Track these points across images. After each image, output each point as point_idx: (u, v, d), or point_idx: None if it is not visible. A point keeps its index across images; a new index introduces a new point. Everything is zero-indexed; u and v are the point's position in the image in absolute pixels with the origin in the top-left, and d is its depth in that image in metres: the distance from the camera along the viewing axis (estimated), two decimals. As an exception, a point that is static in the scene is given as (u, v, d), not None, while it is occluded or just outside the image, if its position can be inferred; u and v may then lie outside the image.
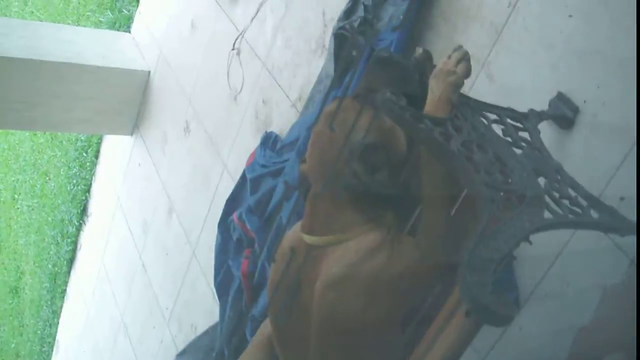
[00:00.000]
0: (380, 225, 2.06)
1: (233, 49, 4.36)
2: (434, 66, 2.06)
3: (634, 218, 1.91)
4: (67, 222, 7.09)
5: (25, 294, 8.39)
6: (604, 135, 2.26)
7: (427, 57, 2.16)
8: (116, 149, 6.19)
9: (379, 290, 1.94)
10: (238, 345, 3.76)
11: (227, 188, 4.26)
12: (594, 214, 1.81)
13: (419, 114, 1.82)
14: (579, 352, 2.29)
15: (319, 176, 2.12)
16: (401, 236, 2.06)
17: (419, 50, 2.16)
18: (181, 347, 4.75)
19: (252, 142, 4.10)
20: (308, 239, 2.11)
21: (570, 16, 2.37)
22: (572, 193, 1.83)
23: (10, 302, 8.81)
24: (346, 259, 1.98)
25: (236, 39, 4.32)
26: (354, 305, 1.96)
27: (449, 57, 2.01)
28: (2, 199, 9.33)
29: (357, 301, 1.96)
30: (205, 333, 4.49)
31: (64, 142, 7.38)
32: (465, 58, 2.00)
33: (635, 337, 1.75)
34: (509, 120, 2.04)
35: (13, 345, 8.76)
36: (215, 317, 4.16)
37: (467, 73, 1.98)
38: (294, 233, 2.24)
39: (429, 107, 1.93)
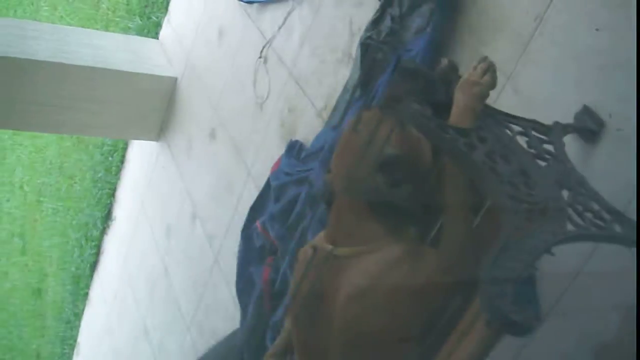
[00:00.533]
0: (402, 237, 2.05)
1: (260, 57, 4.38)
2: (460, 77, 2.07)
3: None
4: (91, 225, 7.14)
5: (48, 295, 8.44)
6: (629, 149, 2.25)
7: (453, 68, 2.16)
8: (142, 154, 6.23)
9: (401, 302, 1.94)
10: (257, 352, 3.77)
11: (251, 195, 4.27)
12: (617, 228, 1.80)
13: (444, 124, 1.82)
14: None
15: (342, 187, 2.13)
16: (422, 248, 2.06)
17: (445, 61, 2.16)
18: (201, 353, 4.76)
19: (276, 150, 4.12)
20: (332, 249, 2.11)
21: (597, 30, 2.36)
22: (596, 206, 1.82)
23: (33, 303, 8.87)
24: (369, 271, 1.98)
25: (263, 47, 4.35)
26: (376, 317, 1.96)
27: (475, 68, 2.01)
28: (27, 201, 9.41)
29: (379, 313, 1.95)
30: (226, 339, 4.50)
31: (90, 146, 7.44)
32: (491, 69, 2.01)
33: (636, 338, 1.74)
34: (533, 133, 2.04)
35: (34, 346, 8.82)
36: (235, 323, 4.17)
37: (493, 84, 1.99)
38: (317, 241, 2.25)
39: (454, 117, 1.93)
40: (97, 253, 7.09)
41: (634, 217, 1.90)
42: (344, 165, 2.13)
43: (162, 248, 5.63)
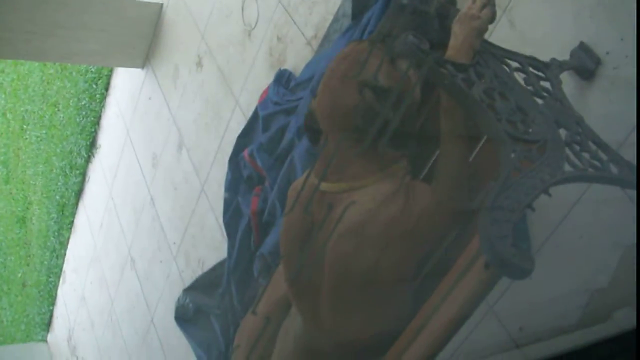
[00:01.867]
0: (394, 173, 2.03)
1: (248, -16, 4.30)
2: (457, 10, 2.02)
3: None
4: (75, 153, 7.08)
5: (33, 224, 8.42)
6: (625, 88, 2.23)
7: (450, 0, 2.12)
8: (127, 82, 6.15)
9: (395, 237, 1.93)
10: (245, 283, 3.78)
11: (238, 124, 4.24)
12: (613, 169, 1.79)
13: (441, 59, 1.79)
14: (588, 306, 2.30)
15: (328, 114, 2.10)
16: (415, 183, 2.04)
17: None
18: (188, 282, 4.79)
19: (265, 79, 4.06)
20: (322, 185, 2.09)
21: (597, -37, 2.32)
22: (593, 146, 1.81)
23: (18, 232, 8.85)
24: (361, 206, 1.96)
25: (252, -26, 4.26)
26: (370, 253, 1.95)
27: (474, 1, 1.97)
28: (10, 129, 9.31)
29: (373, 249, 1.95)
30: (213, 269, 4.52)
31: (74, 73, 7.33)
32: (490, 3, 1.96)
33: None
34: (530, 69, 2.01)
35: (20, 274, 8.83)
36: (223, 253, 4.18)
37: (492, 18, 1.95)
38: (307, 177, 2.22)
39: (452, 52, 1.89)
40: (82, 181, 7.05)
41: (629, 156, 1.88)
42: (330, 91, 2.10)
43: (148, 177, 5.60)
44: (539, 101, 1.87)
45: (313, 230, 2.05)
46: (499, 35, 2.61)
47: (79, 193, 7.14)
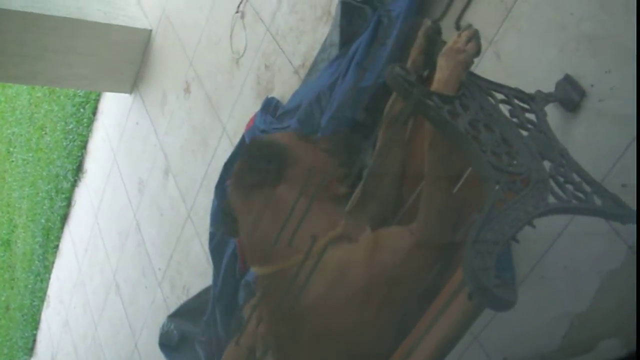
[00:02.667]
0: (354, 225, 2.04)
1: (237, 12, 4.31)
2: (443, 42, 2.04)
3: (635, 207, 1.90)
4: (62, 177, 7.07)
5: (17, 247, 8.39)
6: (610, 120, 2.25)
7: (437, 30, 2.13)
8: (114, 107, 6.16)
9: (379, 287, 1.91)
10: (230, 310, 3.77)
11: (225, 151, 4.25)
12: (597, 200, 1.81)
13: (427, 91, 1.80)
14: (573, 336, 2.30)
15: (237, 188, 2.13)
16: (379, 232, 2.03)
17: (428, 22, 2.13)
18: (173, 308, 4.77)
19: (252, 107, 4.08)
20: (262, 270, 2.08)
21: (582, -3, 2.35)
22: (577, 178, 1.82)
23: (2, 255, 8.82)
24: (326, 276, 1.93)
25: (241, 2, 4.28)
26: (348, 311, 1.93)
27: (459, 35, 1.99)
28: (-3, 151, 9.31)
29: (354, 307, 1.92)
30: (198, 296, 4.50)
31: (61, 97, 7.34)
32: (475, 36, 1.98)
33: (635, 326, 1.76)
34: (516, 101, 2.03)
35: (3, 298, 8.78)
36: (208, 280, 4.17)
37: (477, 52, 1.97)
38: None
39: (437, 85, 1.90)
40: (68, 205, 7.03)
41: (613, 188, 1.90)
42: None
43: (134, 202, 5.60)
44: (524, 133, 1.89)
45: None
46: (484, 67, 2.63)
47: (64, 217, 7.12)
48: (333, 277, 1.92)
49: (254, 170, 2.04)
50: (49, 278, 7.47)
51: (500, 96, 2.01)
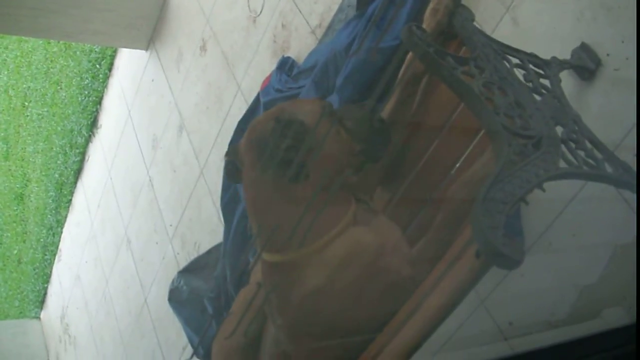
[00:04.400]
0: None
1: (256, -29, 4.31)
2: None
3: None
4: (76, 132, 7.09)
5: (31, 201, 8.43)
6: (624, 90, 2.25)
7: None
8: (130, 63, 6.16)
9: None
10: (240, 268, 3.80)
11: (239, 109, 4.25)
12: (608, 168, 1.81)
13: (442, 51, 1.80)
14: (579, 303, 2.32)
15: (249, 146, 2.04)
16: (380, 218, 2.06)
17: None
18: (183, 264, 4.80)
19: (268, 66, 4.08)
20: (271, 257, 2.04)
21: (602, -36, 2.33)
22: (588, 145, 1.83)
23: (15, 208, 8.86)
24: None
25: (259, -39, 4.27)
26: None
27: None
28: (12, 106, 9.31)
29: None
30: (209, 252, 4.54)
31: (77, 52, 7.33)
32: None
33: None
34: (531, 66, 2.03)
35: (16, 251, 8.85)
36: (219, 237, 4.20)
37: (452, 5, 2.00)
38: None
39: None
40: (82, 160, 7.07)
41: (626, 157, 1.91)
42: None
43: (147, 158, 5.62)
44: (538, 98, 1.89)
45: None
46: (501, 32, 2.63)
47: (78, 172, 7.15)
48: (343, 263, 1.92)
49: (278, 153, 1.90)
50: (61, 232, 7.52)
51: (515, 60, 2.01)
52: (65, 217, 7.42)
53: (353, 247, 1.92)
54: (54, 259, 7.70)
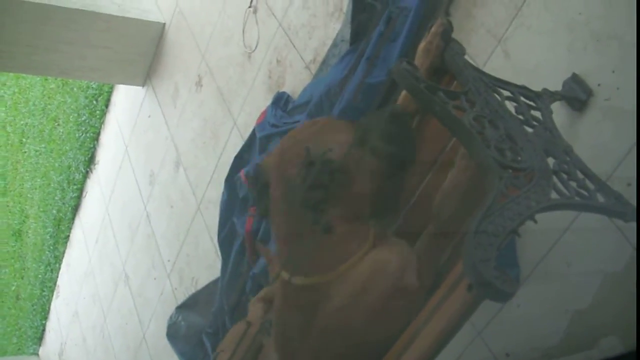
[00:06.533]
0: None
1: (250, 7, 4.34)
2: (454, 40, 2.07)
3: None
4: (74, 168, 7.11)
5: (28, 237, 8.43)
6: (616, 120, 2.27)
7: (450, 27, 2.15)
8: (127, 99, 6.19)
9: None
10: (238, 302, 3.80)
11: (236, 145, 4.27)
12: (601, 198, 1.82)
13: (434, 86, 1.82)
14: (574, 333, 2.32)
15: (279, 175, 2.13)
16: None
17: (443, 20, 2.15)
18: (181, 299, 4.80)
19: (263, 101, 4.10)
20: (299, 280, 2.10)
21: (591, -3, 2.36)
22: (580, 175, 1.84)
23: (13, 244, 8.86)
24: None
25: (254, -3, 4.31)
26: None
27: (429, 31, 2.06)
28: (10, 142, 9.34)
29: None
30: (206, 288, 4.53)
31: (75, 88, 7.37)
32: (441, 30, 2.04)
33: (636, 324, 1.77)
34: (522, 98, 2.05)
35: (14, 287, 8.83)
36: (216, 272, 4.20)
37: (443, 46, 2.02)
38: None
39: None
40: (79, 196, 7.08)
41: (618, 187, 1.92)
42: (285, 153, 2.15)
43: (145, 194, 5.63)
44: (529, 130, 1.91)
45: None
46: (493, 64, 2.65)
47: (75, 208, 7.16)
48: (369, 282, 1.97)
49: (313, 192, 2.00)
50: (59, 268, 7.51)
51: (506, 93, 2.03)
52: (63, 253, 7.41)
53: (377, 267, 1.98)
54: (52, 295, 7.68)
